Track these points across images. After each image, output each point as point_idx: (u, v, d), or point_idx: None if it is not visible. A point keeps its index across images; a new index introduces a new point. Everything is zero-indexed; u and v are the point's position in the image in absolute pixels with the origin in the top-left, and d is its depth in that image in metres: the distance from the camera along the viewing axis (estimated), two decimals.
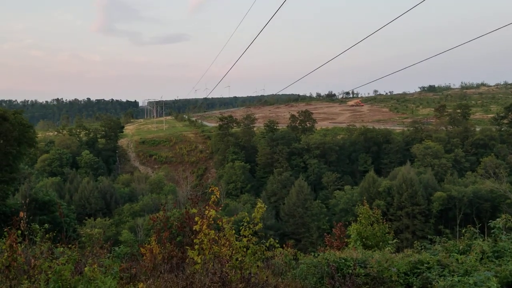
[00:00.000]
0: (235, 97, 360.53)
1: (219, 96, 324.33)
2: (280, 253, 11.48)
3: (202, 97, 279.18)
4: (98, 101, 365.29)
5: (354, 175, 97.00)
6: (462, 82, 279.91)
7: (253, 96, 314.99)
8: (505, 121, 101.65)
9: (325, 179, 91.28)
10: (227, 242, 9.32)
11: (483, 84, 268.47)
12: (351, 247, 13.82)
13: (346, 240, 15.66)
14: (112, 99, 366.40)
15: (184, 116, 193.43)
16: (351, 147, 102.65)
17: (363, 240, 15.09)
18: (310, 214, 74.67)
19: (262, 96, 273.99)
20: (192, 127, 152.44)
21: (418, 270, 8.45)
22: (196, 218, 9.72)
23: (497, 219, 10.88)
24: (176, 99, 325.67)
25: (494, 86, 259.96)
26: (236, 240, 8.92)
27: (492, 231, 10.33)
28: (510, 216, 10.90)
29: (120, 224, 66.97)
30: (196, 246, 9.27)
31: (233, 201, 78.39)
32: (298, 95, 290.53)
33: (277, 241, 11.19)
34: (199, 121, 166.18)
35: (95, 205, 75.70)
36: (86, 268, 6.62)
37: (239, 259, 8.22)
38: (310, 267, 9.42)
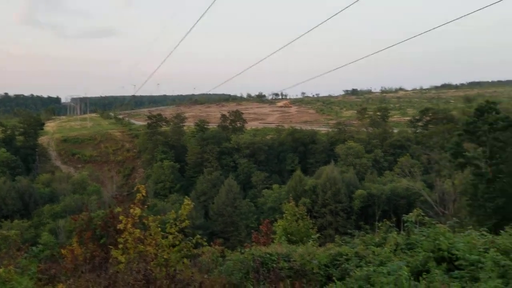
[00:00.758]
0: (165, 95, 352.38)
1: (148, 94, 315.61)
2: (208, 251, 11.53)
3: (130, 94, 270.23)
4: (17, 96, 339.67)
5: (282, 174, 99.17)
6: (382, 87, 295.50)
7: (184, 95, 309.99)
8: (420, 123, 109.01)
9: (254, 178, 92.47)
10: (153, 241, 9.23)
11: (401, 89, 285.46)
12: (277, 242, 14.20)
13: (272, 236, 16.09)
14: (32, 95, 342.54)
15: (110, 113, 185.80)
16: (279, 147, 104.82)
17: (288, 236, 15.59)
18: (239, 213, 75.33)
19: (193, 95, 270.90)
20: (119, 125, 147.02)
21: (338, 262, 8.92)
22: (121, 217, 9.52)
23: (410, 213, 11.62)
24: (102, 96, 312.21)
25: (411, 90, 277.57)
26: (162, 238, 8.86)
27: (406, 225, 11.03)
28: (421, 211, 11.75)
29: (39, 226, 63.22)
30: (120, 246, 9.07)
31: (161, 201, 76.97)
32: (229, 95, 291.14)
33: (205, 239, 11.24)
34: (127, 119, 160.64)
35: (12, 206, 70.84)
36: (0, 270, 6.26)
37: (165, 257, 8.18)
38: (236, 263, 9.58)
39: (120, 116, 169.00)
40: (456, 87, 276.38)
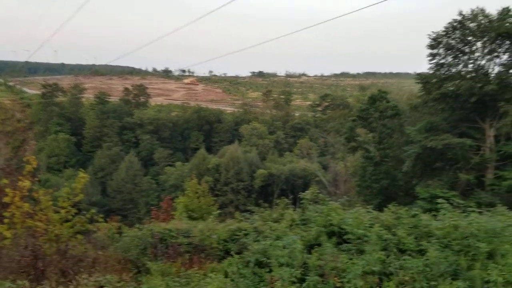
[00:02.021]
0: (63, 64, 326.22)
1: (44, 61, 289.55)
2: (104, 227, 11.12)
3: (23, 60, 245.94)
4: None
5: (186, 152, 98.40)
6: (287, 71, 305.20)
7: (84, 65, 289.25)
8: (319, 108, 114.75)
9: (157, 155, 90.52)
10: (44, 216, 8.65)
11: (304, 74, 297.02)
12: (177, 219, 14.15)
13: (173, 213, 15.98)
14: None
15: (0, 80, 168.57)
16: (184, 125, 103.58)
17: (189, 212, 15.62)
18: (139, 190, 73.45)
19: (94, 65, 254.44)
20: (9, 92, 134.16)
21: (236, 237, 9.15)
22: (7, 190, 8.77)
23: (306, 191, 12.23)
24: None
25: (313, 77, 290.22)
26: (54, 213, 8.33)
27: (302, 202, 11.59)
28: (317, 189, 12.44)
29: None
30: (6, 220, 8.38)
31: (55, 176, 72.19)
32: (133, 68, 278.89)
33: (101, 216, 10.79)
34: (18, 87, 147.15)
35: None
36: None
37: (56, 232, 7.71)
38: (133, 239, 9.35)
39: (11, 83, 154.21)
40: (353, 76, 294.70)
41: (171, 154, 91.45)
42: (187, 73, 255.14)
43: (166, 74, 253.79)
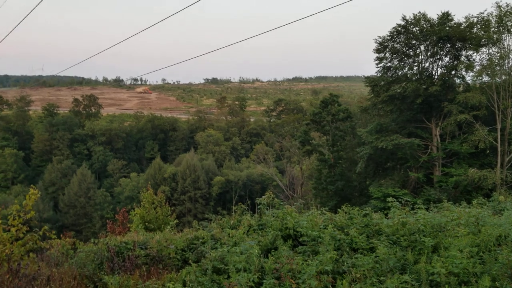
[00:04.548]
0: (7, 75, 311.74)
1: None
2: (57, 244, 10.81)
3: None
4: None
5: (141, 162, 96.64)
6: (240, 77, 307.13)
7: (30, 76, 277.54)
8: (274, 113, 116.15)
9: (110, 166, 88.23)
10: None
11: (257, 80, 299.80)
12: (133, 231, 13.92)
13: (129, 225, 15.68)
14: None
15: None
16: (138, 134, 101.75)
17: (146, 224, 15.39)
18: (93, 204, 71.32)
19: (40, 76, 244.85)
20: None
21: (194, 245, 9.17)
22: None
23: (263, 196, 12.37)
24: None
25: (266, 82, 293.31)
26: (4, 231, 8.04)
27: (258, 207, 11.71)
28: (273, 194, 12.63)
29: None
30: None
31: (2, 193, 68.82)
32: (83, 78, 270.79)
33: (54, 232, 10.49)
34: None
35: None
36: None
37: (6, 251, 7.46)
38: (89, 254, 9.16)
39: None
40: (305, 80, 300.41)
41: (125, 165, 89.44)
42: (139, 82, 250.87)
43: (118, 83, 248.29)
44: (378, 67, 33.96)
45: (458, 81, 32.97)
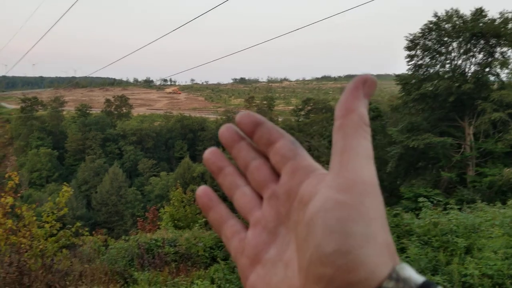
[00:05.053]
0: (42, 77, 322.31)
1: (22, 75, 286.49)
2: (90, 241, 11.10)
3: (0, 74, 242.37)
4: None
5: (170, 161, 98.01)
6: (268, 76, 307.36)
7: (63, 77, 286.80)
8: (302, 112, 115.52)
9: (141, 165, 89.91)
10: (28, 232, 8.62)
11: (285, 79, 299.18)
12: (163, 228, 14.15)
13: (158, 223, 15.96)
14: None
15: None
16: (168, 134, 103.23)
17: (175, 221, 15.61)
18: (124, 202, 72.83)
19: (74, 77, 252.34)
20: None
21: (222, 244, 9.25)
22: None
23: None
24: None
25: (294, 81, 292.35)
26: (38, 227, 8.30)
27: None
28: None
29: None
30: None
31: (37, 191, 71.12)
32: (114, 79, 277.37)
33: (86, 229, 10.77)
34: None
35: None
36: None
37: (41, 247, 7.70)
38: (120, 251, 9.38)
39: None
40: (334, 79, 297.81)
41: (155, 164, 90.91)
42: (169, 82, 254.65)
43: (148, 84, 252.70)
44: (409, 65, 33.37)
45: (492, 78, 32.00)
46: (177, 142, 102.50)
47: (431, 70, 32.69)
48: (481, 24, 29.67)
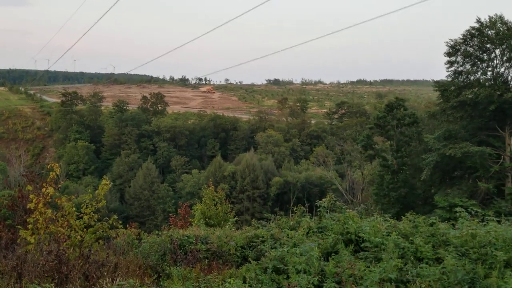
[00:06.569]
0: (82, 72, 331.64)
1: (63, 70, 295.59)
2: (123, 233, 11.33)
3: (43, 69, 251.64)
4: None
5: (202, 160, 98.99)
6: (302, 78, 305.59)
7: (102, 73, 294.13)
8: (336, 116, 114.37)
9: (173, 162, 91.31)
10: (66, 222, 8.90)
11: (320, 82, 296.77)
12: (195, 225, 14.31)
13: (190, 220, 16.17)
14: None
15: (21, 88, 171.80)
16: (200, 132, 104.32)
17: (207, 219, 15.79)
18: (157, 197, 74.14)
19: (112, 74, 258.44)
20: (30, 101, 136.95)
21: (254, 244, 9.27)
22: (31, 196, 9.05)
23: (323, 199, 12.23)
24: (12, 68, 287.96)
25: (328, 84, 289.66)
26: (77, 218, 8.57)
27: (318, 210, 11.61)
28: (333, 197, 12.44)
29: None
30: (30, 226, 8.64)
31: (74, 183, 73.38)
32: (151, 76, 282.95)
33: (120, 222, 11.02)
34: (38, 95, 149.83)
35: None
36: None
37: (78, 237, 7.94)
38: (153, 245, 9.55)
39: (31, 92, 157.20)
40: (370, 83, 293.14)
41: (187, 162, 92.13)
42: (203, 82, 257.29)
43: (183, 82, 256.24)
44: (448, 71, 32.41)
45: None
46: (209, 140, 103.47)
47: (472, 77, 31.68)
48: None
